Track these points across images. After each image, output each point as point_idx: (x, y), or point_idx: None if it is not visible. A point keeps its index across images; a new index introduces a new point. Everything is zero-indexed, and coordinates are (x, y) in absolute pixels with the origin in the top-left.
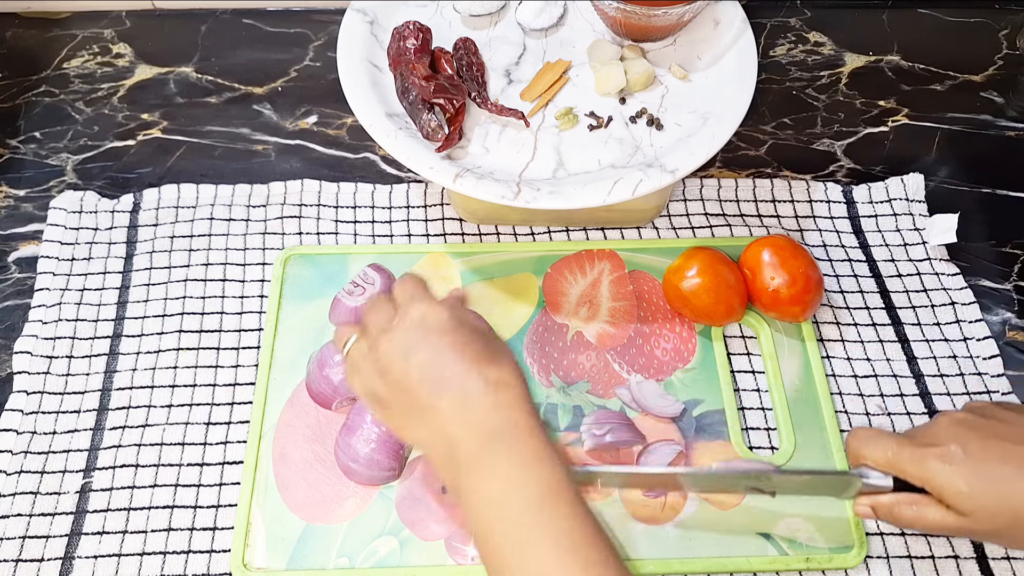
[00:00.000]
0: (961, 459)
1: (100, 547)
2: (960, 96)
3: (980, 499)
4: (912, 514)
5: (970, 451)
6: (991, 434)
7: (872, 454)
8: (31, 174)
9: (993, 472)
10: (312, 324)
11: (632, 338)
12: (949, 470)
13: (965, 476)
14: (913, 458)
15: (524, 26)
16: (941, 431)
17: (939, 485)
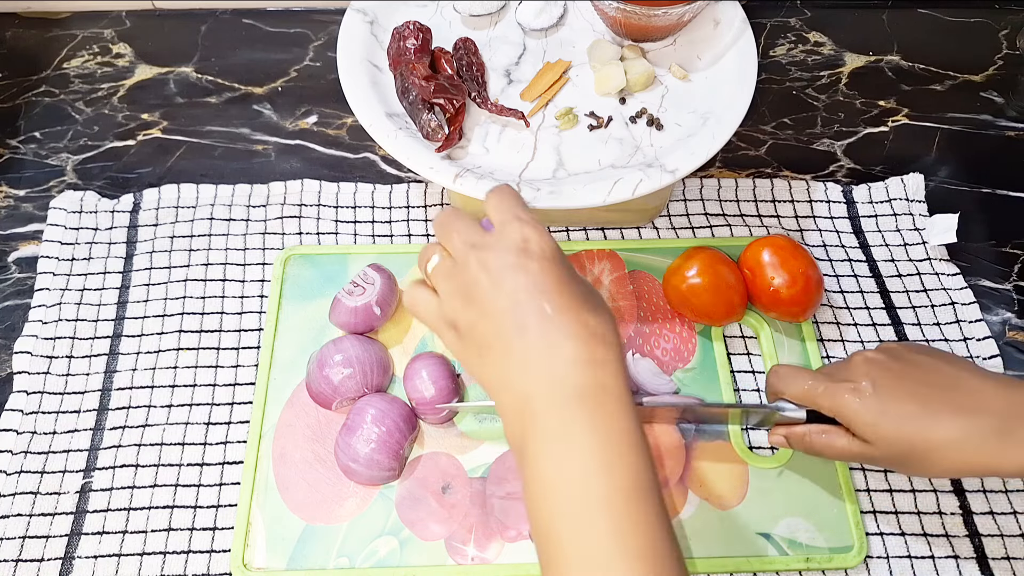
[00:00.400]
0: (870, 394)
1: (100, 547)
2: (960, 96)
3: (882, 430)
4: (822, 442)
5: (879, 388)
6: (899, 374)
7: (789, 388)
8: (31, 174)
9: (896, 408)
10: (312, 324)
11: (632, 338)
12: (858, 403)
13: (872, 409)
14: (827, 392)
15: (524, 26)
16: (855, 368)
17: (849, 415)
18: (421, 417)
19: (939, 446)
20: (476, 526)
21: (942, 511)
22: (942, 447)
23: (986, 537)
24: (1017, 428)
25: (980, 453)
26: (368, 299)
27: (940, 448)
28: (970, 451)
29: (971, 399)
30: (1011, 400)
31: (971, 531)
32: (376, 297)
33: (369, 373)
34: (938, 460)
